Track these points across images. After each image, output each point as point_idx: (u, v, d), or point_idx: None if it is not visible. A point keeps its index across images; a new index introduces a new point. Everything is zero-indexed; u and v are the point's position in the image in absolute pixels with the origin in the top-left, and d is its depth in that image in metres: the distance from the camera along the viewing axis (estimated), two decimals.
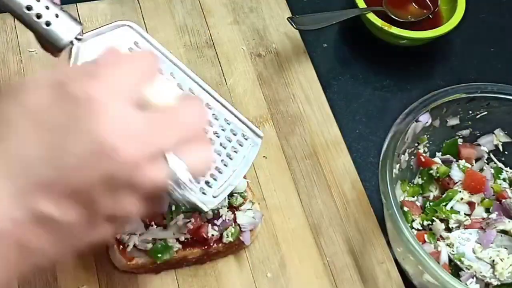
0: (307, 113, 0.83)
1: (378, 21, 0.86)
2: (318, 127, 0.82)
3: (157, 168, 0.43)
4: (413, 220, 0.74)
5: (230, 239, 0.68)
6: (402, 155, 0.74)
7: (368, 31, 0.90)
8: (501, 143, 0.79)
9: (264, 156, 0.79)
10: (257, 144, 0.57)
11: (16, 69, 0.82)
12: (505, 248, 0.71)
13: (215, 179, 0.54)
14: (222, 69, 0.86)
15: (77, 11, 0.88)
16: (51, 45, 0.54)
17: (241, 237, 0.69)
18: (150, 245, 0.66)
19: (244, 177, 0.71)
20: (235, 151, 0.55)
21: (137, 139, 0.42)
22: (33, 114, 0.42)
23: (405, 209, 0.73)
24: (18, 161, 0.41)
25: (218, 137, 0.55)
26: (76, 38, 0.54)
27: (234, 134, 0.56)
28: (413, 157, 0.76)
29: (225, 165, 0.55)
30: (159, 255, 0.66)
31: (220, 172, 0.54)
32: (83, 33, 0.54)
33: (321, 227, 0.75)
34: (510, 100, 0.75)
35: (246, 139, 0.56)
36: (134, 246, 0.66)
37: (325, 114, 0.83)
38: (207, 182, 0.53)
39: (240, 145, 0.56)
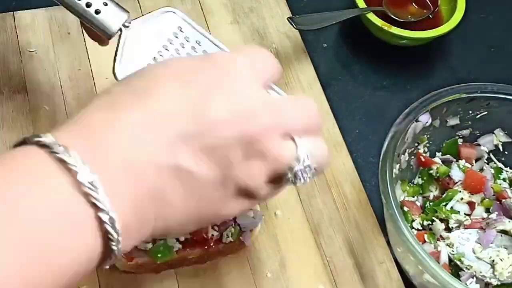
0: None
1: (378, 21, 0.86)
2: None
3: (287, 145, 0.45)
4: (413, 220, 0.74)
5: (230, 239, 0.68)
6: (402, 155, 0.74)
7: (368, 31, 0.90)
8: (501, 143, 0.79)
9: None
10: None
11: (16, 69, 0.82)
12: (505, 248, 0.71)
13: None
14: None
15: None
16: (101, 32, 0.57)
17: (241, 237, 0.69)
18: (150, 245, 0.66)
19: None
20: None
21: (273, 111, 0.45)
22: (180, 73, 0.44)
23: (405, 209, 0.73)
24: (164, 113, 0.42)
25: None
26: (123, 25, 0.56)
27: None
28: (413, 157, 0.77)
29: None
30: (159, 255, 0.66)
31: None
32: (130, 20, 0.57)
33: (321, 227, 0.75)
34: (510, 100, 0.75)
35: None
36: (134, 246, 0.66)
37: (325, 114, 0.83)
38: None
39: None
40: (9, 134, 0.77)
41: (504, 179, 0.78)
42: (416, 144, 0.76)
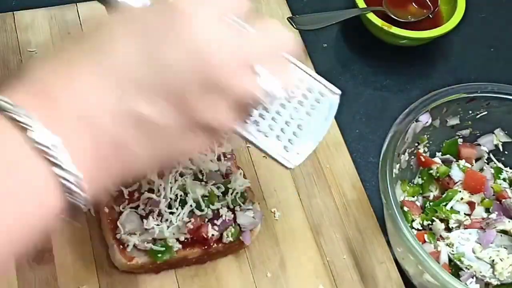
0: None
1: (378, 21, 0.86)
2: None
3: (248, 76, 0.45)
4: (413, 220, 0.74)
5: (230, 239, 0.68)
6: (402, 155, 0.74)
7: (368, 31, 0.90)
8: (501, 143, 0.79)
9: (264, 156, 0.78)
10: (335, 101, 0.56)
11: (16, 69, 0.82)
12: (504, 248, 0.71)
13: (296, 136, 0.53)
14: None
15: (77, 11, 0.88)
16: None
17: (241, 237, 0.69)
18: (150, 245, 0.66)
19: (244, 177, 0.71)
20: (313, 108, 0.54)
21: (230, 47, 0.44)
22: (134, 22, 0.45)
23: (405, 209, 0.73)
24: (117, 64, 0.43)
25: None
26: None
27: (310, 92, 0.55)
28: (413, 157, 0.76)
29: (305, 122, 0.54)
30: (159, 255, 0.66)
31: (301, 129, 0.53)
32: None
33: (321, 227, 0.75)
34: (510, 100, 0.75)
35: (322, 96, 0.55)
36: (134, 246, 0.66)
37: None
38: (289, 140, 0.52)
39: (317, 102, 0.55)
40: None
41: (504, 179, 0.78)
42: (416, 144, 0.76)
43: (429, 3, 0.91)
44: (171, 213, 0.66)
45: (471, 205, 0.75)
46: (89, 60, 0.43)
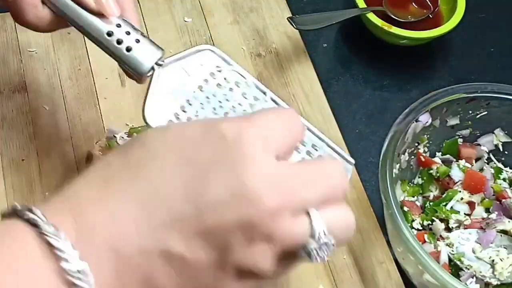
0: (307, 113, 0.83)
1: (378, 21, 0.86)
2: (318, 127, 0.82)
3: (300, 222, 0.41)
4: (413, 220, 0.74)
5: None
6: (402, 155, 0.74)
7: (368, 31, 0.90)
8: (501, 143, 0.79)
9: None
10: (348, 170, 0.54)
11: (16, 69, 0.82)
12: (504, 248, 0.71)
13: None
14: None
15: None
16: (132, 71, 0.53)
17: None
18: None
19: None
20: None
21: (282, 190, 0.40)
22: (179, 146, 0.41)
23: (405, 209, 0.73)
24: (156, 193, 0.40)
25: None
26: (157, 64, 0.53)
27: None
28: (413, 157, 0.76)
29: None
30: None
31: None
32: (164, 58, 0.53)
33: None
34: (510, 100, 0.75)
35: None
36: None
37: (325, 114, 0.83)
38: None
39: None
40: (9, 133, 0.77)
41: (504, 179, 0.78)
42: (416, 144, 0.76)
43: (429, 3, 0.91)
44: None
45: (471, 205, 0.75)
46: (130, 182, 0.40)
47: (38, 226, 0.38)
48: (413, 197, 0.76)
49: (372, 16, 0.86)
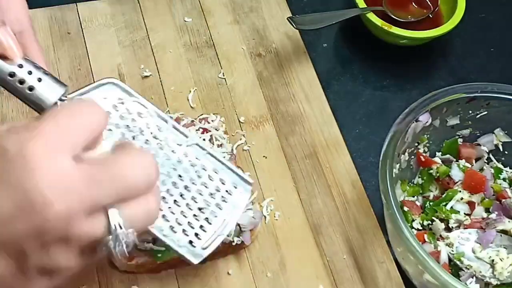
0: (307, 113, 0.83)
1: (378, 21, 0.86)
2: (318, 127, 0.82)
3: (95, 221, 0.42)
4: (413, 220, 0.74)
5: (230, 239, 0.68)
6: (402, 155, 0.74)
7: (368, 31, 0.90)
8: (501, 143, 0.79)
9: (264, 156, 0.79)
10: (247, 190, 0.56)
11: None
12: (504, 248, 0.71)
13: (204, 231, 0.53)
14: (222, 69, 0.86)
15: (77, 11, 0.88)
16: (36, 108, 0.53)
17: (241, 237, 0.69)
18: (150, 245, 0.66)
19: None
20: (224, 201, 0.55)
21: (71, 193, 0.40)
22: None
23: (405, 209, 0.73)
24: None
25: (206, 187, 0.54)
26: (60, 99, 0.53)
27: (223, 183, 0.55)
28: (413, 157, 0.77)
29: (215, 216, 0.54)
30: (159, 255, 0.66)
31: (210, 223, 0.53)
32: (67, 94, 0.53)
33: (321, 227, 0.75)
34: (510, 100, 0.75)
35: (235, 187, 0.55)
36: (134, 246, 0.66)
37: (325, 114, 0.83)
38: (196, 234, 0.52)
39: (229, 194, 0.55)
40: None
41: (504, 179, 0.78)
42: (416, 144, 0.76)
43: (429, 3, 0.92)
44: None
45: (471, 205, 0.75)
46: None
47: None
48: (413, 197, 0.76)
49: (372, 16, 0.86)
